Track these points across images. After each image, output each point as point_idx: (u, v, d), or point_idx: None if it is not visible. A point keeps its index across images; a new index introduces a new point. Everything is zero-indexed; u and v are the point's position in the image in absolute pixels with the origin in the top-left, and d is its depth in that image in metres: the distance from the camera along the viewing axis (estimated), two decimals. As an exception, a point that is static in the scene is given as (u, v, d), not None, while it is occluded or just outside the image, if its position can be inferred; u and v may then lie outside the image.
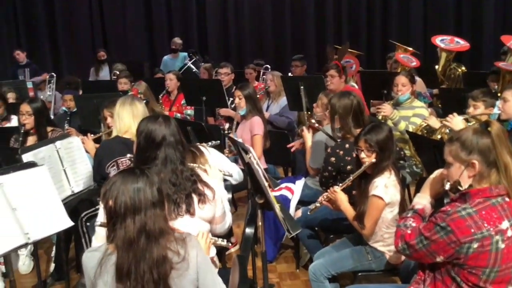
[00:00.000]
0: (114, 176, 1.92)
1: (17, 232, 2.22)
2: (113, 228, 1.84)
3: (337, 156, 3.33)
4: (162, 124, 2.40)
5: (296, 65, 6.73)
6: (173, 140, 2.39)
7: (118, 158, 3.34)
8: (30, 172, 2.37)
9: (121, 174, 1.91)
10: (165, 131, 2.39)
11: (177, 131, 2.44)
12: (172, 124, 2.44)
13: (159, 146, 2.36)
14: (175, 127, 2.43)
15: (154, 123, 2.41)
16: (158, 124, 2.39)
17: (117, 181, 1.86)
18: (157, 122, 2.41)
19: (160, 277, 1.81)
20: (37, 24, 10.09)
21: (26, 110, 4.01)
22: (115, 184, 1.86)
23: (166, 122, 2.42)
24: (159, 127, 2.39)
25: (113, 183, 1.87)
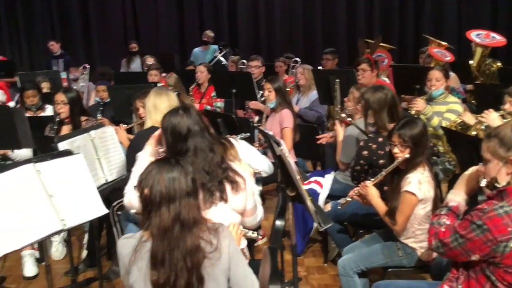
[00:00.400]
0: (149, 165, 1.95)
1: (53, 218, 2.28)
2: (148, 216, 1.88)
3: (369, 150, 3.30)
4: (184, 116, 2.40)
5: (327, 59, 6.68)
6: (198, 129, 2.40)
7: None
8: (67, 160, 2.42)
9: (157, 163, 1.94)
10: (188, 121, 2.39)
11: (199, 118, 2.44)
12: (193, 113, 2.44)
13: (186, 138, 2.37)
14: (196, 115, 2.43)
15: (176, 116, 2.41)
16: (180, 117, 2.40)
17: (152, 170, 1.89)
18: (179, 114, 2.41)
19: (193, 266, 1.83)
20: (71, 16, 10.28)
21: (61, 99, 4.09)
22: (150, 173, 1.89)
23: (186, 113, 2.42)
24: (181, 119, 2.39)
25: (148, 172, 1.90)
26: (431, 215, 2.69)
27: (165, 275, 1.81)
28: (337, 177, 3.94)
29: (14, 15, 10.17)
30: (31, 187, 2.24)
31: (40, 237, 2.23)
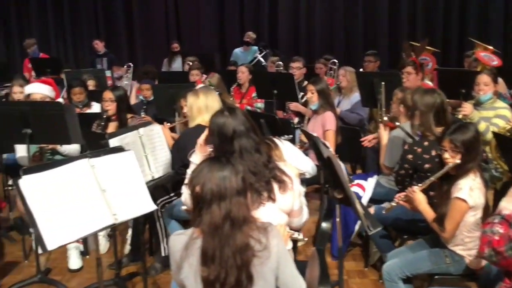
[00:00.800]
0: (200, 163, 1.98)
1: (106, 212, 2.34)
2: (199, 213, 1.90)
3: (415, 154, 3.25)
4: (229, 117, 2.41)
5: (369, 60, 6.61)
6: (244, 129, 2.40)
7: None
8: (119, 156, 2.48)
9: (208, 162, 1.96)
10: (234, 122, 2.40)
11: (245, 119, 2.44)
12: (239, 113, 2.45)
13: (232, 140, 2.38)
14: (242, 115, 2.44)
15: (221, 117, 2.43)
16: (225, 118, 2.41)
17: (204, 169, 1.92)
18: (224, 116, 2.42)
19: (243, 263, 1.85)
20: (115, 16, 10.52)
21: (109, 97, 4.19)
22: (202, 171, 1.92)
23: (232, 114, 2.43)
24: (226, 120, 2.40)
25: (200, 170, 1.93)
26: (480, 223, 2.63)
27: (216, 271, 1.83)
28: (380, 181, 3.89)
29: (61, 14, 10.48)
30: (86, 182, 2.31)
31: (94, 230, 2.30)
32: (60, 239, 2.19)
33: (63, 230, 2.19)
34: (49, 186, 2.20)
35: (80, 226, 2.25)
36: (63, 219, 2.21)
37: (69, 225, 2.21)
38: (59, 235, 2.18)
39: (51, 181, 2.21)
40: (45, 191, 2.19)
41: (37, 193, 2.17)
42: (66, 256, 4.11)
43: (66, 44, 10.56)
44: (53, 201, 2.20)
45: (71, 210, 2.24)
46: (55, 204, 2.20)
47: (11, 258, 4.28)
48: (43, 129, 3.56)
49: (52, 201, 2.20)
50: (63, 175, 2.25)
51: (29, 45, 8.68)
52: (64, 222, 2.20)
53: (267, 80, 5.67)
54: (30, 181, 2.16)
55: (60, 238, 2.18)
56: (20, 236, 4.63)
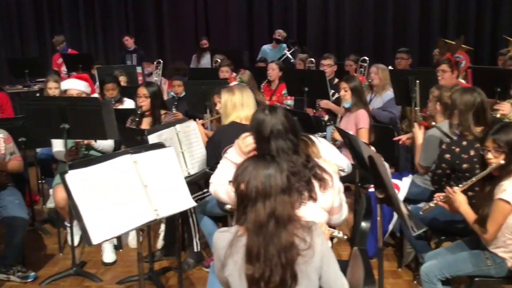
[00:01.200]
0: (245, 161, 1.98)
1: (148, 208, 2.36)
2: (244, 211, 1.90)
3: (452, 153, 3.19)
4: (269, 115, 2.39)
5: (402, 58, 6.52)
6: (282, 129, 2.37)
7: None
8: (160, 152, 2.50)
9: (253, 159, 1.96)
10: (272, 122, 2.37)
11: (285, 119, 2.41)
12: (280, 113, 2.42)
13: (269, 140, 2.37)
14: (282, 115, 2.41)
15: (261, 115, 2.42)
16: (264, 116, 2.40)
17: (249, 166, 1.92)
18: (264, 114, 2.41)
19: (287, 262, 1.84)
20: (145, 12, 10.61)
21: (143, 93, 4.22)
22: (247, 169, 1.92)
23: (272, 112, 2.41)
24: (266, 118, 2.39)
25: (245, 168, 1.93)
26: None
27: (260, 270, 1.84)
28: (415, 180, 3.84)
29: (92, 10, 10.61)
30: (128, 177, 2.34)
31: (137, 225, 2.33)
32: (104, 234, 2.22)
33: (107, 224, 2.22)
34: (94, 181, 2.24)
35: (123, 221, 2.27)
36: (107, 213, 2.24)
37: (113, 220, 2.24)
38: (104, 230, 2.21)
39: (96, 176, 2.25)
40: (90, 186, 2.23)
41: (82, 187, 2.20)
42: (100, 249, 4.18)
43: (97, 40, 10.69)
44: (98, 196, 2.24)
45: (115, 205, 2.27)
46: (99, 198, 2.24)
47: (46, 251, 4.37)
48: (80, 125, 3.62)
49: (96, 196, 2.23)
50: (107, 170, 2.29)
51: (58, 42, 8.83)
52: (108, 216, 2.23)
53: (298, 77, 5.64)
54: (76, 176, 2.20)
55: (104, 232, 2.21)
56: (54, 229, 4.74)
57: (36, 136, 3.93)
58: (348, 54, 7.90)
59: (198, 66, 8.65)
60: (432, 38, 9.70)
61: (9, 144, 3.87)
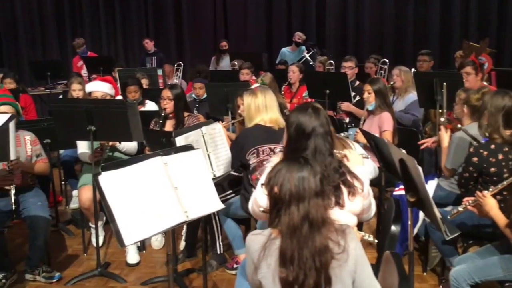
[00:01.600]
0: (278, 164, 1.97)
1: (178, 210, 2.37)
2: (277, 214, 1.90)
3: (480, 157, 3.15)
4: (312, 115, 2.41)
5: (424, 60, 6.45)
6: (323, 131, 2.39)
7: (259, 145, 3.46)
8: (188, 154, 2.51)
9: (286, 162, 1.96)
10: (315, 122, 2.39)
11: (326, 122, 2.44)
12: (322, 115, 2.44)
13: (309, 137, 2.38)
14: (324, 118, 2.44)
15: (304, 114, 2.42)
16: (308, 116, 2.41)
17: (282, 169, 1.92)
18: (307, 113, 2.42)
19: (322, 266, 1.83)
20: (164, 15, 10.68)
21: (167, 95, 4.25)
22: (280, 171, 1.91)
23: (315, 113, 2.43)
24: (309, 118, 2.40)
25: (278, 170, 1.93)
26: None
27: (294, 273, 1.83)
28: (441, 184, 3.80)
29: (112, 13, 10.72)
30: (159, 179, 2.35)
31: (167, 227, 2.33)
32: (136, 235, 2.24)
33: (139, 226, 2.23)
34: (126, 183, 2.26)
35: (154, 223, 2.29)
36: (139, 215, 2.25)
37: (145, 221, 2.26)
38: (136, 231, 2.22)
39: (128, 178, 2.26)
40: (123, 187, 2.25)
41: (115, 189, 2.22)
42: (123, 251, 4.21)
43: (117, 43, 10.79)
44: (130, 197, 2.25)
45: (146, 206, 2.28)
46: (131, 200, 2.25)
47: (70, 251, 4.42)
48: (106, 126, 3.66)
49: (128, 197, 2.25)
50: (139, 172, 2.30)
51: (79, 45, 8.95)
52: (140, 218, 2.25)
53: (320, 79, 5.63)
54: (109, 177, 2.22)
55: (136, 233, 2.23)
56: (78, 229, 4.79)
57: (63, 138, 3.97)
58: (367, 56, 7.86)
59: (217, 68, 8.68)
60: (453, 40, 9.62)
61: (36, 146, 3.92)
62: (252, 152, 3.49)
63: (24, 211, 3.69)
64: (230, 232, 3.87)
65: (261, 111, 3.54)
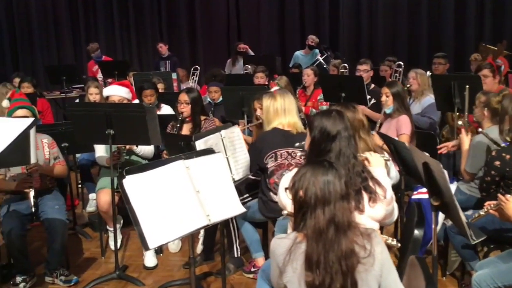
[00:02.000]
0: (303, 167, 1.97)
1: (200, 213, 2.38)
2: (303, 217, 1.89)
3: (502, 161, 3.12)
4: (337, 119, 2.43)
5: (440, 63, 6.42)
6: (347, 134, 2.41)
7: (277, 149, 3.46)
8: (210, 158, 2.52)
9: (311, 166, 1.96)
10: (340, 125, 2.42)
11: (349, 125, 2.45)
12: (345, 119, 2.46)
13: (334, 139, 2.39)
14: (348, 121, 2.45)
15: (328, 118, 2.44)
16: (332, 119, 2.43)
17: (307, 173, 1.91)
18: (332, 117, 2.44)
19: (348, 270, 1.83)
20: (178, 19, 10.74)
21: (184, 99, 4.27)
22: (305, 175, 1.91)
23: (340, 117, 2.45)
24: (333, 121, 2.42)
25: (302, 174, 1.92)
26: None
27: (320, 277, 1.82)
28: (461, 188, 3.77)
29: (126, 18, 10.80)
30: (182, 182, 2.36)
31: (190, 231, 2.34)
32: (160, 238, 2.24)
33: (163, 229, 2.24)
34: (150, 186, 2.27)
35: (178, 226, 2.29)
36: (163, 218, 2.26)
37: (168, 225, 2.26)
38: (160, 234, 2.23)
39: (151, 181, 2.27)
40: (146, 191, 2.26)
41: (139, 192, 2.23)
42: (140, 254, 4.23)
43: (131, 47, 10.87)
44: (153, 201, 2.26)
45: (169, 210, 2.29)
46: (155, 203, 2.26)
47: (88, 254, 4.44)
48: (125, 130, 3.68)
49: (152, 201, 2.26)
50: (162, 175, 2.31)
51: (93, 49, 9.02)
52: (163, 221, 2.25)
53: (335, 82, 5.61)
54: (133, 181, 2.23)
55: (160, 237, 2.24)
56: (95, 233, 4.82)
57: (82, 142, 4.00)
58: (381, 59, 7.84)
59: (232, 71, 8.69)
60: (467, 43, 9.55)
61: (53, 148, 3.95)
62: (270, 156, 3.49)
63: (42, 214, 3.72)
64: (248, 236, 3.87)
65: (279, 115, 3.54)
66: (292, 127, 3.53)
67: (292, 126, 3.53)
